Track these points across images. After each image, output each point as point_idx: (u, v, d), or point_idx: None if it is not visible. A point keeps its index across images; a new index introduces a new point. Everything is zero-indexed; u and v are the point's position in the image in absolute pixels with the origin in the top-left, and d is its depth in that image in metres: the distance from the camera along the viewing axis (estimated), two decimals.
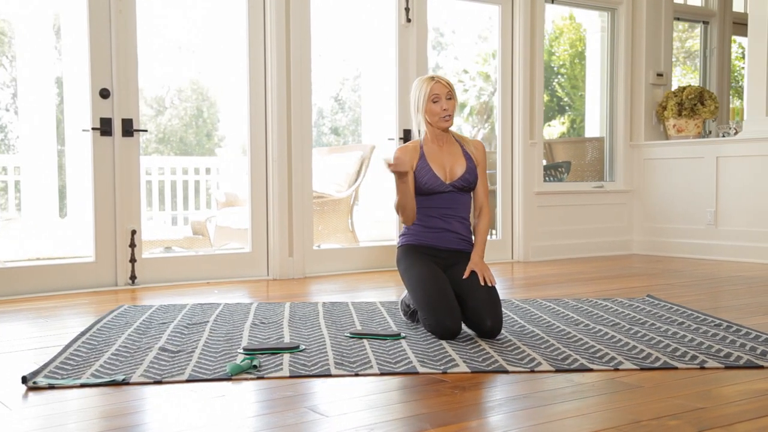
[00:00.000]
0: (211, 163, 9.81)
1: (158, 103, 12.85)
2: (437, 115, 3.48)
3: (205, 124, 13.52)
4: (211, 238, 7.24)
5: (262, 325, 3.64)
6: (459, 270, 3.46)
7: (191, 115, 13.30)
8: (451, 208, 3.53)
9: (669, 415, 2.22)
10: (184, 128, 13.34)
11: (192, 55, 13.28)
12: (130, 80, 5.02)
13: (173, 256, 5.54)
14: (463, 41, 14.03)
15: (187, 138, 13.33)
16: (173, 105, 13.87)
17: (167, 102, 13.26)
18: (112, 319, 3.80)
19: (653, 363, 2.84)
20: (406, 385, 2.61)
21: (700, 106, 6.97)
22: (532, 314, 3.89)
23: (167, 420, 2.23)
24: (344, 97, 14.01)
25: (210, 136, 13.73)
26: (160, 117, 12.74)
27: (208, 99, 13.52)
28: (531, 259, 6.69)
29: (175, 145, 12.96)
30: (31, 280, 4.78)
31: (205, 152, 13.00)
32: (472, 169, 3.54)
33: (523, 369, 2.77)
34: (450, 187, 3.50)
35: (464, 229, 3.57)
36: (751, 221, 6.42)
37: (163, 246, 6.92)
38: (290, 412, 2.30)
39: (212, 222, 7.37)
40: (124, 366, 2.82)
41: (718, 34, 8.01)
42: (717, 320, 3.67)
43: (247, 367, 2.75)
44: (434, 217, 3.52)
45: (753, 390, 2.48)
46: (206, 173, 9.44)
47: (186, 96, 13.58)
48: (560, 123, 13.55)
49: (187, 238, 7.14)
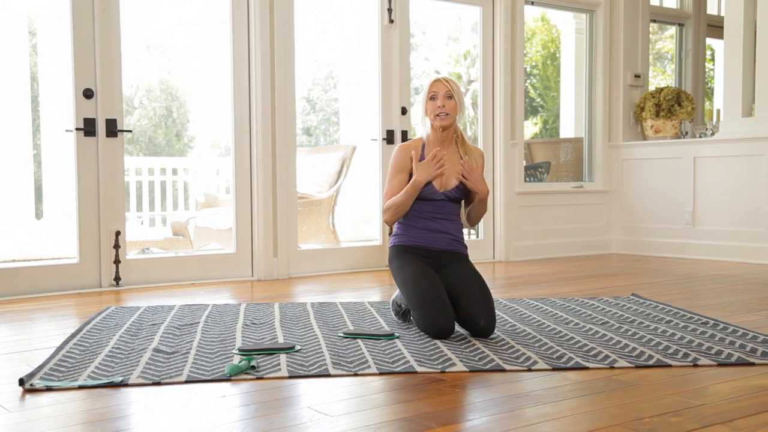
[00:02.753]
0: (184, 164, 9.74)
1: (127, 103, 12.76)
2: (433, 112, 3.48)
3: (175, 125, 13.45)
4: (192, 239, 7.20)
5: (254, 326, 3.63)
6: (451, 270, 3.47)
7: (160, 116, 13.22)
8: (442, 213, 3.54)
9: (670, 411, 2.25)
10: (153, 128, 13.26)
11: (161, 55, 13.20)
12: (114, 80, 4.98)
13: (157, 257, 5.50)
14: (434, 42, 14.07)
15: (156, 138, 13.25)
16: (142, 105, 13.78)
17: (136, 102, 13.18)
18: (100, 320, 3.77)
19: (647, 361, 2.87)
20: (406, 384, 2.62)
21: (678, 107, 7.05)
22: (522, 313, 3.91)
23: (169, 421, 2.22)
24: (315, 97, 14.02)
25: (180, 137, 13.66)
26: (129, 117, 12.65)
27: (177, 99, 13.45)
28: (512, 258, 6.73)
29: (144, 145, 12.88)
30: (14, 281, 4.73)
31: (174, 152, 12.93)
32: (461, 188, 3.53)
33: (520, 368, 2.79)
34: (443, 196, 3.51)
35: (455, 228, 3.58)
36: (727, 221, 6.51)
37: (144, 247, 6.88)
38: (292, 412, 2.30)
39: (193, 223, 7.33)
40: (120, 367, 2.80)
41: (693, 36, 8.11)
42: (704, 318, 3.72)
43: (246, 368, 2.74)
44: (425, 219, 3.53)
45: (748, 386, 2.52)
46: (173, 174, 9.34)
47: (155, 96, 13.50)
48: (533, 124, 13.63)
49: (168, 239, 7.10)
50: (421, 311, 3.29)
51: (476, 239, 6.83)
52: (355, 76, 8.12)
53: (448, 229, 3.55)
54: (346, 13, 7.99)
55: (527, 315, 3.87)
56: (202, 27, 10.57)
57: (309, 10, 9.04)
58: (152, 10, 10.68)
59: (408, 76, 6.18)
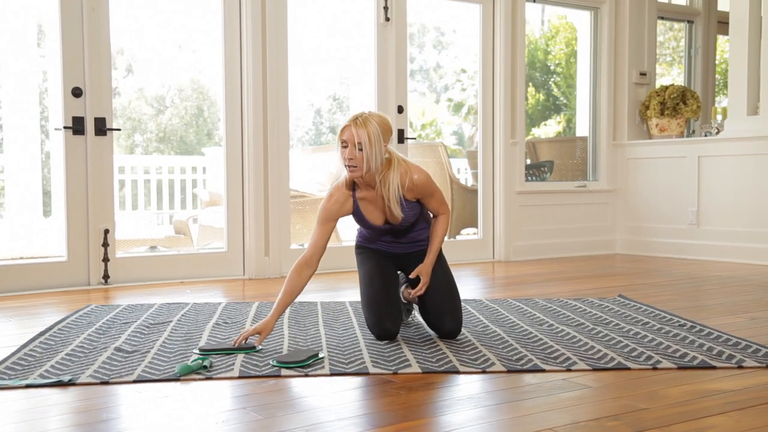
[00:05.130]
0: (202, 162, 9.78)
1: (158, 102, 12.85)
2: (342, 163, 3.16)
3: (206, 124, 13.51)
4: (193, 238, 7.22)
5: (225, 325, 3.62)
6: (416, 264, 3.36)
7: (192, 115, 13.28)
8: (394, 235, 3.39)
9: (609, 416, 2.20)
10: (185, 127, 13.34)
11: (192, 54, 13.26)
12: (103, 79, 5.00)
13: (147, 256, 5.52)
14: (464, 41, 14.02)
15: (188, 137, 13.32)
16: (174, 104, 13.86)
17: (168, 101, 13.26)
18: (76, 318, 3.78)
19: (607, 363, 2.82)
20: (354, 386, 2.59)
21: (683, 106, 6.95)
22: (499, 314, 3.87)
23: (106, 421, 2.22)
24: (342, 95, 14.01)
25: (210, 136, 13.73)
26: (161, 116, 12.74)
27: (208, 98, 13.51)
28: (512, 258, 6.67)
29: (176, 144, 12.96)
30: (2, 279, 4.76)
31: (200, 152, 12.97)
32: (409, 210, 3.25)
33: (475, 369, 2.75)
34: (389, 226, 3.31)
35: (416, 236, 3.41)
36: (732, 221, 6.40)
37: (145, 245, 6.91)
38: (232, 413, 2.28)
39: (194, 221, 7.36)
40: (75, 366, 2.80)
41: (702, 33, 7.99)
42: (682, 320, 3.65)
43: (198, 368, 2.73)
44: (380, 241, 3.43)
45: (700, 390, 2.47)
46: (193, 172, 9.41)
47: (186, 95, 13.58)
48: (556, 122, 13.54)
49: (169, 238, 7.13)
50: (369, 310, 3.25)
51: (476, 239, 6.78)
52: (361, 74, 8.08)
53: (411, 239, 3.40)
54: (353, 11, 7.95)
55: (504, 316, 3.82)
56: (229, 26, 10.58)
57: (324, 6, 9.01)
58: (185, 10, 10.73)
59: (405, 75, 6.14)
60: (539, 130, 13.02)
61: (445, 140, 14.89)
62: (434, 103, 16.42)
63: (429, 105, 16.24)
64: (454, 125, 15.96)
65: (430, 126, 16.34)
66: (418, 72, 15.01)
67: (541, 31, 12.26)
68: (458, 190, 7.57)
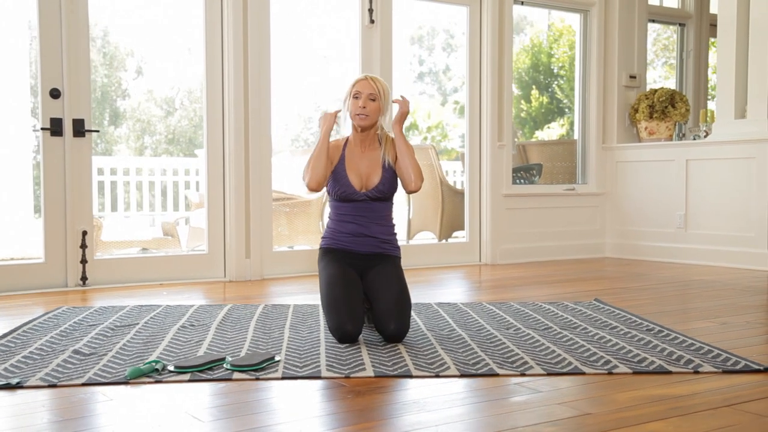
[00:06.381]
0: (195, 164, 9.77)
1: (168, 104, 12.87)
2: (353, 112, 3.42)
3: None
4: (181, 239, 7.22)
5: (192, 327, 3.61)
6: (374, 273, 3.40)
7: (200, 116, 13.29)
8: (366, 216, 3.46)
9: (548, 421, 2.18)
10: (194, 129, 13.35)
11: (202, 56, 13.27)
12: (81, 80, 5.00)
13: (126, 258, 5.52)
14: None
15: (197, 139, 13.33)
16: (183, 106, 13.86)
17: (177, 103, 13.27)
18: (44, 320, 3.77)
19: (563, 368, 2.80)
20: (302, 389, 2.58)
21: (671, 109, 6.91)
22: (469, 318, 3.85)
23: (48, 424, 2.21)
24: (325, 100, 14.02)
25: None
26: (170, 118, 12.76)
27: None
28: (499, 261, 6.64)
29: (185, 145, 12.95)
30: None
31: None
32: (387, 179, 3.46)
33: (428, 374, 2.73)
34: (364, 196, 3.44)
35: (383, 231, 3.50)
36: (719, 225, 6.36)
37: (132, 247, 6.90)
38: (168, 416, 2.27)
39: (181, 223, 7.35)
40: (28, 369, 2.79)
41: (694, 36, 7.95)
42: (651, 325, 3.62)
43: (149, 371, 2.72)
44: (350, 223, 3.47)
45: (647, 396, 2.44)
46: (186, 174, 9.40)
47: (195, 97, 13.59)
48: (560, 125, 13.51)
49: (156, 239, 7.13)
50: (330, 314, 3.25)
51: (462, 242, 6.76)
52: (345, 77, 8.07)
53: (374, 233, 3.47)
54: (327, 13, 7.92)
55: (473, 319, 3.80)
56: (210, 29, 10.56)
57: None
58: (192, 12, 10.74)
59: (390, 77, 6.12)
60: (542, 132, 13.01)
61: (451, 143, 14.86)
62: (440, 105, 16.39)
63: (435, 107, 16.21)
64: (461, 128, 15.97)
65: (435, 128, 16.29)
66: (428, 74, 15.00)
67: (545, 33, 12.26)
68: (448, 192, 7.55)
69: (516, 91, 9.60)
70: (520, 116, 9.82)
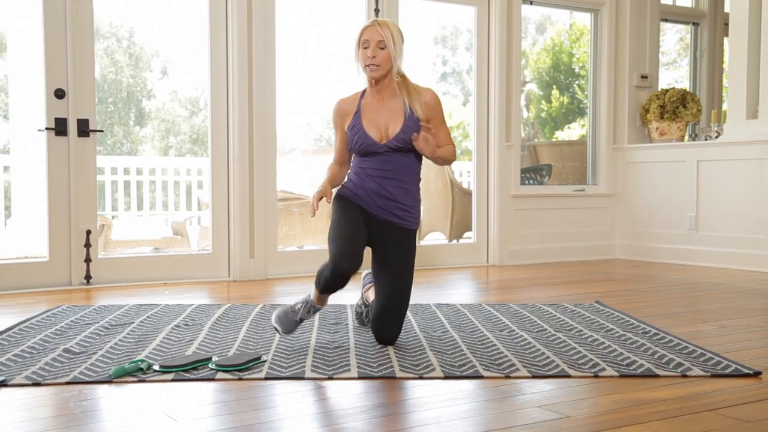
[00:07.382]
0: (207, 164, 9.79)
1: (192, 104, 12.95)
2: (363, 62, 3.18)
3: None
4: (191, 239, 7.25)
5: (186, 327, 3.62)
6: (385, 258, 3.25)
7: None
8: (388, 170, 3.21)
9: (523, 424, 2.16)
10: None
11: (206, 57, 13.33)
12: (86, 80, 5.03)
13: (130, 257, 5.54)
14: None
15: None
16: (207, 106, 13.92)
17: (201, 103, 13.35)
18: (41, 318, 3.80)
19: (549, 370, 2.77)
20: (285, 390, 2.57)
21: (682, 109, 6.85)
22: (464, 319, 3.82)
23: (26, 422, 2.22)
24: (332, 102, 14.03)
25: None
26: (195, 118, 12.83)
27: None
28: (506, 262, 6.61)
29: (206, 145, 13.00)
30: None
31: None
32: (409, 127, 3.19)
33: (412, 375, 2.72)
34: (384, 147, 3.20)
35: (403, 195, 3.25)
36: (730, 227, 6.29)
37: (141, 246, 6.93)
38: (143, 416, 2.27)
39: (193, 222, 7.38)
40: (16, 367, 2.81)
41: (708, 35, 7.87)
42: (648, 327, 3.58)
43: (134, 370, 2.72)
44: (370, 177, 3.23)
45: (628, 399, 2.41)
46: (198, 174, 9.43)
47: None
48: (580, 125, 13.44)
49: (166, 239, 7.16)
50: (332, 244, 3.10)
51: (470, 242, 6.74)
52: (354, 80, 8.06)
53: (392, 196, 3.23)
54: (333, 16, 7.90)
55: (468, 321, 3.78)
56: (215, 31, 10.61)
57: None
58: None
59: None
60: (563, 132, 12.95)
61: (472, 144, 14.83)
62: (462, 105, 16.35)
63: (457, 107, 16.18)
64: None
65: (457, 128, 16.25)
66: (451, 74, 14.95)
67: (566, 33, 12.20)
68: (458, 192, 7.53)
69: (537, 91, 9.56)
70: (541, 116, 9.76)
